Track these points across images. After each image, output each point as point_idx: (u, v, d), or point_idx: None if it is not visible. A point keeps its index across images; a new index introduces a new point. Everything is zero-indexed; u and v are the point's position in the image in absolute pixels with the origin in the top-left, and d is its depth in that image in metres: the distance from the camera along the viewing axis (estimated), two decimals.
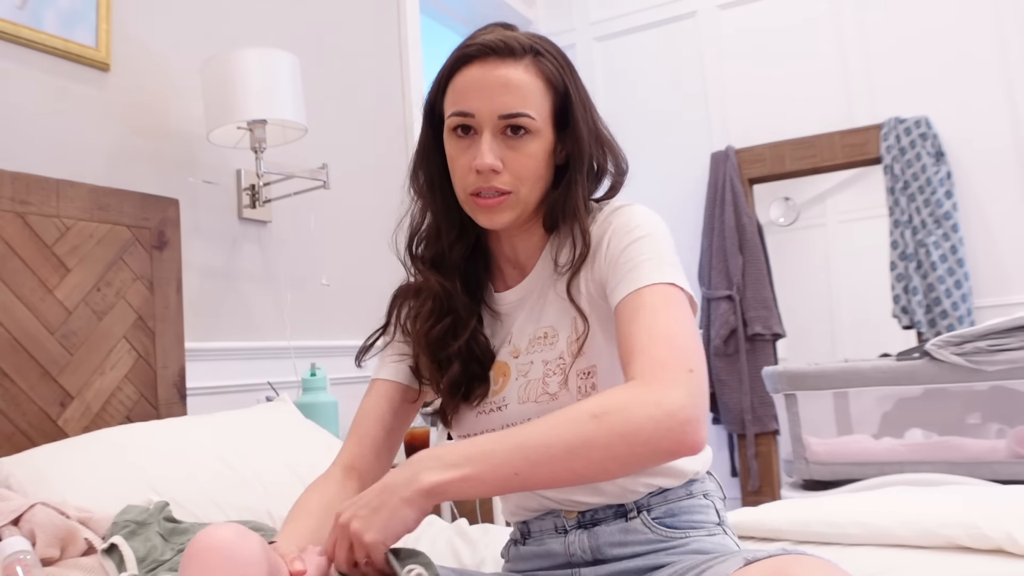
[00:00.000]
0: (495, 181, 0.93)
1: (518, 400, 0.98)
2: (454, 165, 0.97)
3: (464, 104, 0.93)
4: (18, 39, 1.77)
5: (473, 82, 0.93)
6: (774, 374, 2.60)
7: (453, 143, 0.96)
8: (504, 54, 0.93)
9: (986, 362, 2.24)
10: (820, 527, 1.32)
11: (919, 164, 3.27)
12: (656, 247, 0.92)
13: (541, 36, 0.98)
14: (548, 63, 0.95)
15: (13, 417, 1.57)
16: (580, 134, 0.96)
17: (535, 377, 0.97)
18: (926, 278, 3.24)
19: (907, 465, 2.35)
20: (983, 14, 3.26)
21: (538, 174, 0.95)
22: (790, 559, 0.74)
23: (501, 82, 0.92)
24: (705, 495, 1.00)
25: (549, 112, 0.95)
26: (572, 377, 0.94)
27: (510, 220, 0.96)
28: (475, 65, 0.94)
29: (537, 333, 0.99)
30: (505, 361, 1.01)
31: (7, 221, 1.60)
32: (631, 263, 0.91)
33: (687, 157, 3.72)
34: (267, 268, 2.38)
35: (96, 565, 1.16)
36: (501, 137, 0.93)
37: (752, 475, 3.43)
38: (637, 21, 3.88)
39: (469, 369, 1.00)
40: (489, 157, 0.92)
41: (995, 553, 1.15)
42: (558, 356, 0.96)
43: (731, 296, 3.48)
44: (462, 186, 0.96)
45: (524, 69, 0.93)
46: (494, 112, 0.92)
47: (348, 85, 2.72)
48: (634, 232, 0.93)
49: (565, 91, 0.96)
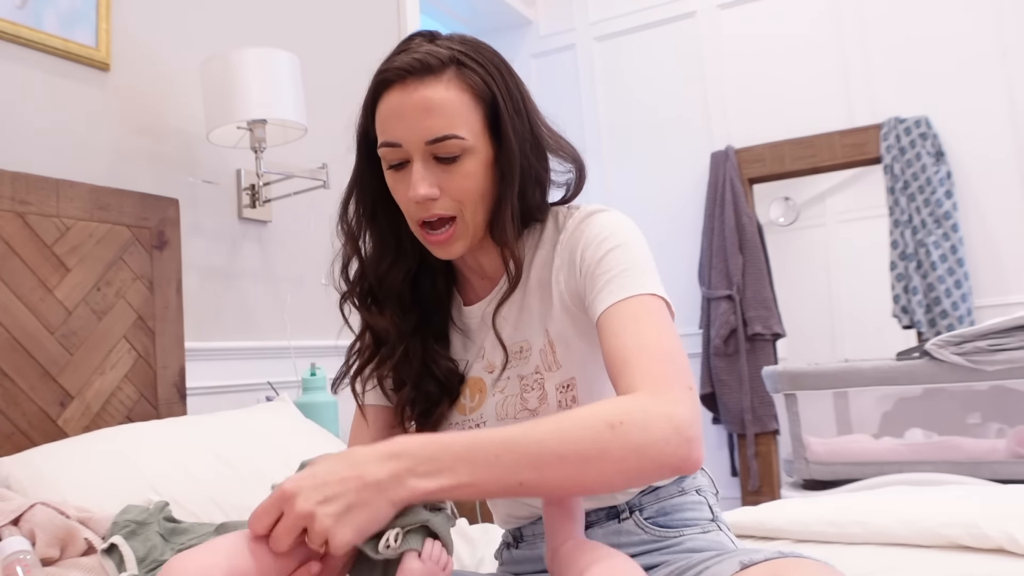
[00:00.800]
0: (435, 208, 0.88)
1: (496, 417, 0.95)
2: (396, 196, 0.92)
3: (390, 134, 0.88)
4: (18, 39, 1.77)
5: (394, 109, 0.88)
6: (774, 374, 2.60)
7: (389, 175, 0.91)
8: (422, 73, 0.87)
9: (986, 362, 2.24)
10: (820, 526, 1.32)
11: (919, 164, 3.27)
12: (633, 256, 0.89)
13: (467, 40, 0.92)
14: (472, 73, 0.89)
15: (13, 417, 1.57)
16: (510, 145, 0.90)
17: (512, 393, 0.94)
18: (926, 278, 3.24)
19: (907, 465, 2.35)
20: (983, 14, 3.26)
21: (479, 192, 0.90)
22: (786, 562, 0.73)
23: (423, 106, 0.86)
24: (698, 491, 0.99)
25: (481, 124, 0.89)
26: (551, 391, 0.92)
27: (464, 248, 0.92)
28: (395, 90, 0.88)
29: (511, 348, 0.95)
30: (480, 377, 0.98)
31: (7, 221, 1.60)
32: (609, 274, 0.87)
33: (687, 157, 3.72)
34: (267, 268, 2.38)
35: (96, 565, 1.16)
36: (432, 162, 0.88)
37: (752, 475, 3.43)
38: (637, 21, 3.88)
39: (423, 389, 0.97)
40: (423, 187, 0.87)
41: (996, 553, 1.15)
42: (534, 370, 0.93)
43: (731, 296, 3.48)
44: (409, 216, 0.92)
45: (446, 86, 0.87)
46: (420, 139, 0.87)
47: (348, 85, 2.71)
48: (608, 241, 0.89)
49: (493, 100, 0.89)
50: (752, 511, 1.45)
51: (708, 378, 3.55)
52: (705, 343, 3.57)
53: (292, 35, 2.48)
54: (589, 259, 0.90)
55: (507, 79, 0.91)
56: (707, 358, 3.56)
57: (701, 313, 3.59)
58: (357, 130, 0.96)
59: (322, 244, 2.51)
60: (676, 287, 3.26)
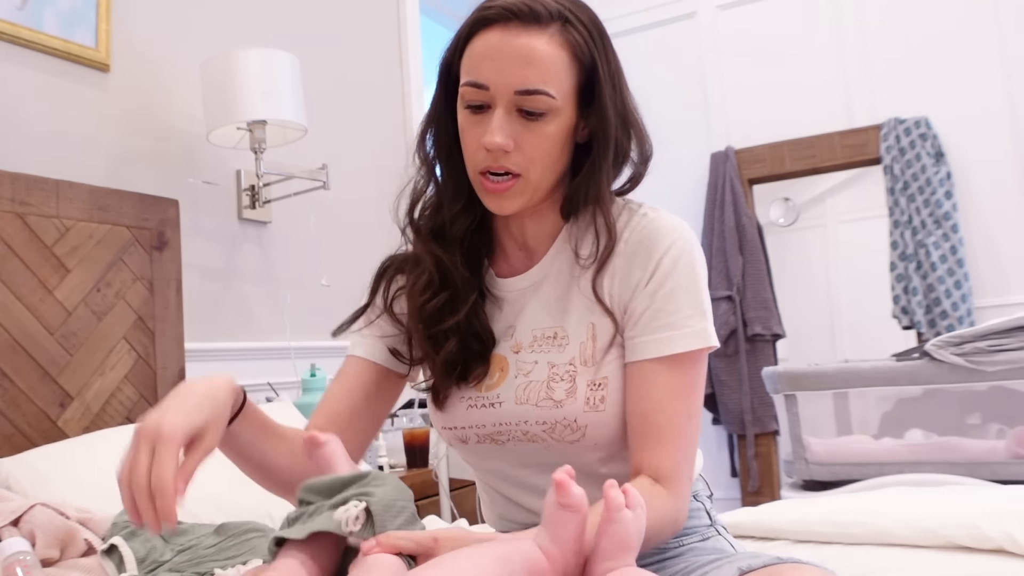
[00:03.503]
0: (505, 161, 0.85)
1: (515, 400, 0.90)
2: (465, 138, 0.88)
3: (478, 74, 0.84)
4: (18, 39, 1.77)
5: (490, 50, 0.84)
6: (774, 374, 2.60)
7: (464, 115, 0.87)
8: (528, 20, 0.83)
9: (986, 362, 2.24)
10: (820, 526, 1.32)
11: (919, 164, 3.27)
12: (700, 291, 0.88)
13: (575, 0, 0.88)
14: (577, 33, 0.85)
15: (13, 417, 1.57)
16: (607, 114, 0.87)
17: (538, 379, 0.90)
18: (926, 278, 3.24)
19: (907, 465, 2.35)
20: (983, 15, 3.26)
21: (553, 156, 0.87)
22: (785, 568, 0.73)
23: (522, 53, 0.82)
24: (695, 496, 0.98)
25: (572, 88, 0.86)
26: (581, 386, 0.88)
27: (519, 206, 0.88)
28: (495, 30, 0.84)
29: (545, 331, 0.91)
30: (503, 355, 0.93)
31: (7, 221, 1.60)
32: (677, 311, 0.86)
33: (687, 157, 3.72)
34: (267, 268, 2.38)
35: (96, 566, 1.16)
36: (516, 114, 0.84)
37: (752, 475, 3.43)
38: (637, 21, 3.88)
39: (467, 347, 0.92)
40: (499, 136, 0.83)
41: (995, 553, 1.15)
42: (568, 361, 0.89)
43: (731, 296, 3.48)
44: (472, 162, 0.88)
45: (549, 39, 0.83)
46: (510, 86, 0.83)
47: (348, 85, 2.72)
48: (682, 263, 0.87)
49: (593, 65, 0.86)
50: (752, 511, 1.45)
51: (708, 378, 3.54)
52: None
53: (292, 35, 2.48)
54: (659, 276, 0.87)
55: (608, 47, 0.89)
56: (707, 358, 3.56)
57: None
58: (441, 61, 0.92)
59: (322, 244, 2.53)
60: None
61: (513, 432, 0.91)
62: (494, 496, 1.01)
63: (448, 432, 0.97)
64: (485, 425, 0.93)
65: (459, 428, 0.95)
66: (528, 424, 0.90)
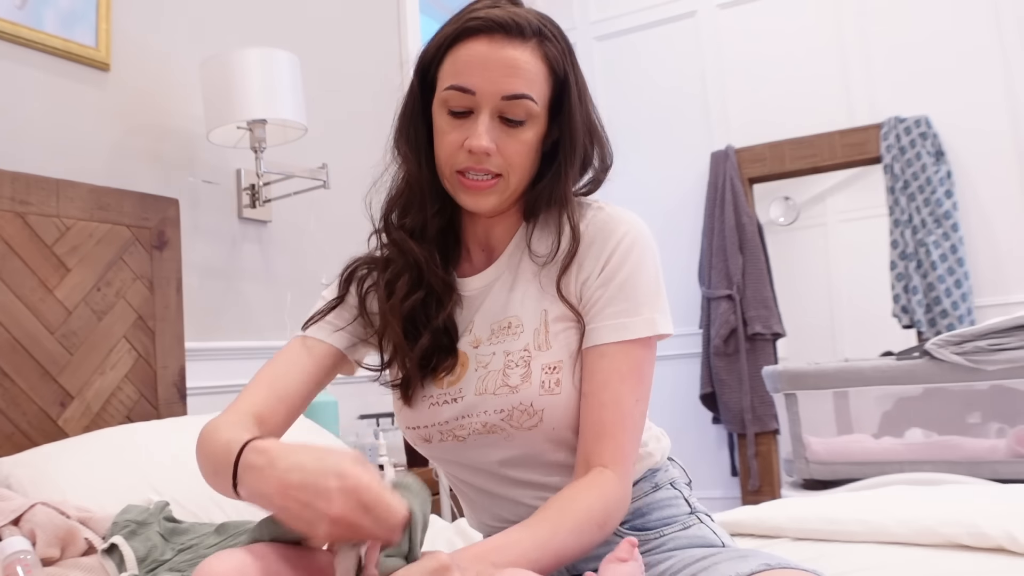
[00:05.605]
0: (487, 163, 0.89)
1: (475, 392, 0.92)
2: (441, 139, 0.92)
3: (465, 79, 0.88)
4: (18, 39, 1.77)
5: (477, 57, 0.88)
6: (774, 374, 2.60)
7: (444, 117, 0.91)
8: (512, 33, 0.88)
9: (986, 361, 2.24)
10: (820, 525, 1.32)
11: (919, 163, 3.27)
12: (655, 278, 0.92)
13: (546, 16, 0.94)
14: (553, 47, 0.91)
15: (13, 417, 1.57)
16: (575, 124, 0.93)
17: (495, 368, 0.92)
18: (926, 277, 3.24)
19: (907, 464, 2.35)
20: (983, 14, 3.26)
21: (529, 160, 0.92)
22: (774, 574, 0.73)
23: (508, 63, 0.88)
24: (672, 484, 0.98)
25: (547, 99, 0.92)
26: (536, 371, 0.90)
27: (495, 205, 0.92)
28: (481, 40, 0.89)
29: (501, 323, 0.95)
30: (464, 351, 0.96)
31: (7, 221, 1.60)
32: (629, 299, 0.90)
33: (687, 157, 3.72)
34: (267, 268, 2.38)
35: (96, 565, 1.16)
36: (498, 120, 0.89)
37: (752, 475, 3.43)
38: (637, 21, 3.88)
39: (438, 342, 0.95)
40: (485, 139, 0.88)
41: (995, 552, 1.15)
42: (522, 348, 0.92)
43: (731, 296, 3.48)
44: (449, 163, 0.91)
45: (531, 52, 0.89)
46: (497, 92, 0.88)
47: (348, 85, 2.72)
48: (634, 253, 0.92)
49: (565, 78, 0.92)
50: (752, 510, 1.45)
51: (708, 378, 3.55)
52: (705, 343, 3.57)
53: (292, 35, 2.48)
54: (613, 265, 0.91)
55: (575, 62, 0.95)
56: (707, 358, 3.56)
57: (701, 313, 3.59)
58: (417, 64, 0.96)
59: (322, 244, 2.52)
60: (676, 287, 3.26)
61: (473, 425, 0.93)
62: (470, 498, 1.03)
63: (412, 432, 0.98)
64: (448, 421, 0.94)
65: (423, 427, 0.96)
66: (488, 414, 0.91)
